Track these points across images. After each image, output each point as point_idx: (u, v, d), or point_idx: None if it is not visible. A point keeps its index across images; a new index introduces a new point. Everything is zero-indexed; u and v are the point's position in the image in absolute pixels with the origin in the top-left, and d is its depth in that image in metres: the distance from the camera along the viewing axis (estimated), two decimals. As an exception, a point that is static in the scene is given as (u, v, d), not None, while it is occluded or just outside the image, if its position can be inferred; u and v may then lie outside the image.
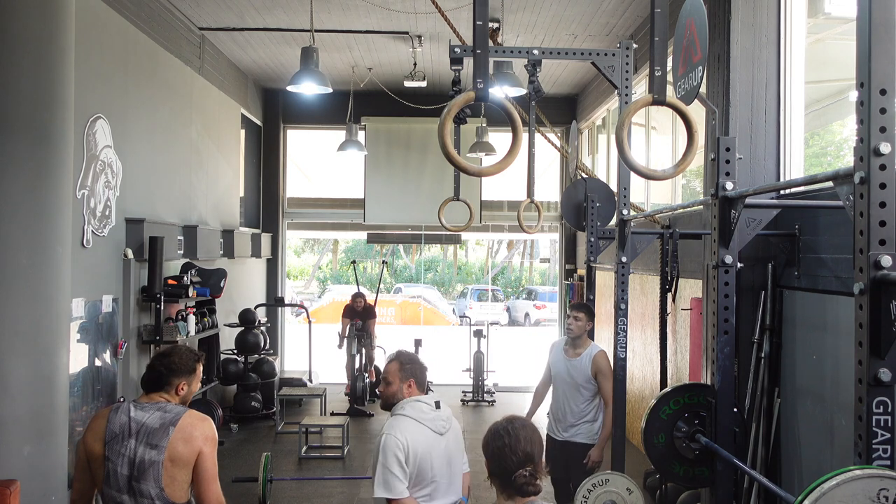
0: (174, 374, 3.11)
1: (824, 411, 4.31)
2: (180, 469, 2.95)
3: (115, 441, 2.94)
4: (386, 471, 3.22)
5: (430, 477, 3.31)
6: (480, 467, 2.73)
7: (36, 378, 4.60)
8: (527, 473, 2.39)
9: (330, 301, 25.30)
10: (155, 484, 2.91)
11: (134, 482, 2.91)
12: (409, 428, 3.29)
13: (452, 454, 3.43)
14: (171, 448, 2.93)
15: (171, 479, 2.93)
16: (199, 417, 3.07)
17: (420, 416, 3.34)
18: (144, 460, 2.91)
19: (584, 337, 5.41)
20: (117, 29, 6.73)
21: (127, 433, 2.94)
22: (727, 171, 3.60)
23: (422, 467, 3.28)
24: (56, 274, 4.74)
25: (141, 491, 2.91)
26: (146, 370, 3.16)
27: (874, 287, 2.31)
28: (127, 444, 2.93)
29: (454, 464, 3.44)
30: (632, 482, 4.59)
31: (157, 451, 2.92)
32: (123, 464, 2.92)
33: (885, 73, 2.33)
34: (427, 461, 3.29)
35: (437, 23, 7.90)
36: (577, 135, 9.92)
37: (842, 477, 2.13)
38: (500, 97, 3.33)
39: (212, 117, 9.55)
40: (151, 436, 2.94)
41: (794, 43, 5.00)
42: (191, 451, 2.96)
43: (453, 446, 3.44)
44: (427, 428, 3.33)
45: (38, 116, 4.63)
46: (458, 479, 3.47)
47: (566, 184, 10.73)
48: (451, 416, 3.50)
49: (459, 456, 3.51)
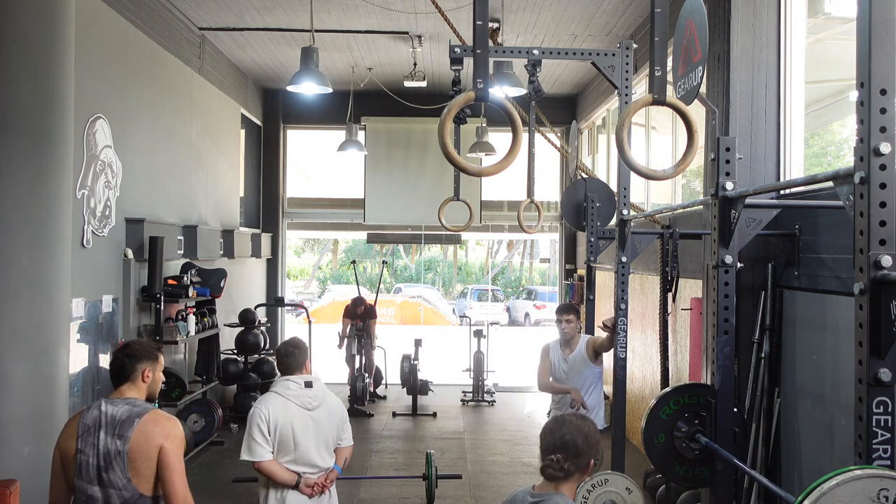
0: (136, 360, 3.15)
1: (824, 411, 4.31)
2: (143, 461, 3.00)
3: (88, 433, 3.02)
4: (250, 438, 3.85)
5: (293, 444, 3.88)
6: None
7: (36, 378, 4.60)
8: (554, 459, 2.48)
9: (330, 301, 25.31)
10: (122, 474, 2.98)
11: (103, 473, 2.99)
12: (274, 402, 3.90)
13: (322, 426, 3.97)
14: (133, 439, 2.99)
15: (135, 471, 3.00)
16: (164, 416, 3.13)
17: (286, 393, 3.93)
18: (111, 451, 2.99)
19: (576, 335, 5.74)
20: (117, 29, 6.73)
21: (98, 426, 3.02)
22: (727, 171, 3.60)
23: (283, 436, 3.86)
24: (56, 274, 4.74)
25: (110, 481, 2.98)
26: (111, 364, 3.21)
27: (874, 287, 2.31)
28: (97, 435, 3.01)
29: (323, 435, 3.98)
30: (632, 482, 4.59)
31: (123, 441, 2.99)
32: (94, 454, 2.99)
33: (885, 73, 2.33)
34: (288, 431, 3.86)
35: (437, 23, 7.90)
36: (577, 135, 9.92)
37: (842, 477, 2.13)
38: (500, 97, 3.33)
39: (212, 117, 9.54)
40: (119, 427, 3.01)
41: (794, 43, 5.00)
42: (151, 445, 3.01)
43: (325, 420, 3.98)
44: (292, 403, 3.90)
45: (38, 116, 4.63)
46: (327, 449, 4.02)
47: (566, 184, 10.74)
48: (325, 396, 4.05)
49: (332, 430, 4.04)
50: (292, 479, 3.90)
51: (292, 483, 3.91)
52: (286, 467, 3.90)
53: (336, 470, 4.09)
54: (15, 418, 4.50)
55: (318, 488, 3.97)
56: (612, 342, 5.38)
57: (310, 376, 4.04)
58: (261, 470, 3.91)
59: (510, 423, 10.05)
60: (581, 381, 5.63)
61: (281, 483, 3.91)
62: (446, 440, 9.12)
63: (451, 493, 7.04)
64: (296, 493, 3.93)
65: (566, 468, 2.48)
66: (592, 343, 5.66)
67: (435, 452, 7.09)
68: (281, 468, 3.90)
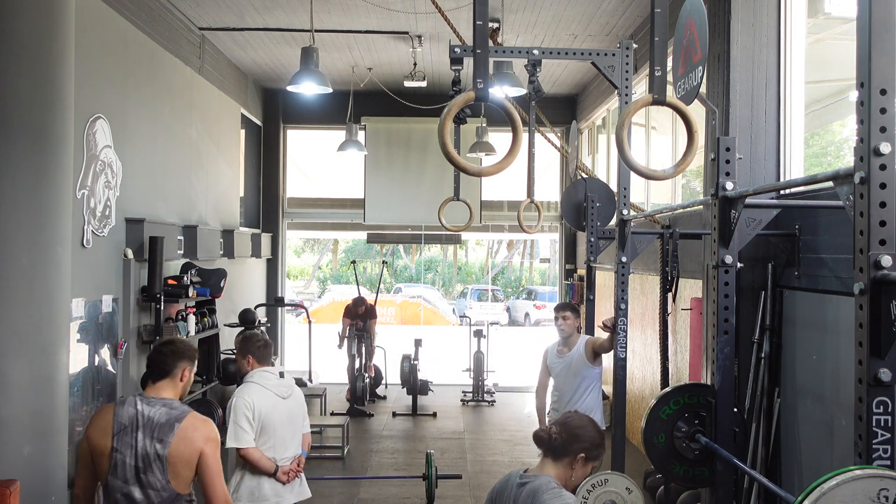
0: (179, 358, 3.19)
1: (824, 411, 4.31)
2: (182, 466, 3.05)
3: (125, 433, 3.03)
4: (236, 426, 4.06)
5: (272, 432, 4.14)
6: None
7: (36, 378, 4.60)
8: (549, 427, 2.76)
9: (330, 301, 25.30)
10: (161, 476, 3.02)
11: (141, 474, 3.02)
12: (256, 392, 4.13)
13: (293, 414, 4.28)
14: (174, 445, 3.03)
15: (174, 474, 3.04)
16: (201, 419, 3.16)
17: (265, 383, 4.18)
18: (150, 453, 3.02)
19: (574, 333, 5.77)
20: (117, 29, 6.72)
21: (135, 425, 3.03)
22: (727, 171, 3.60)
23: (265, 424, 4.12)
24: (56, 274, 4.74)
25: (148, 482, 3.02)
26: (152, 358, 3.22)
27: (874, 287, 2.31)
28: (135, 436, 3.02)
29: (294, 423, 4.29)
30: (632, 482, 4.59)
31: (163, 445, 3.02)
32: (131, 455, 3.01)
33: (885, 73, 2.33)
34: (270, 419, 4.13)
35: (437, 23, 7.90)
36: (577, 135, 9.92)
37: (842, 477, 2.13)
38: (500, 97, 3.33)
39: (212, 117, 9.54)
40: (158, 430, 3.03)
41: (794, 43, 5.00)
42: (192, 450, 3.05)
43: (295, 409, 4.31)
44: (271, 392, 4.17)
45: (38, 116, 4.63)
46: (298, 436, 4.32)
47: (566, 184, 10.73)
48: (294, 385, 4.38)
49: (300, 418, 4.36)
50: (272, 466, 4.13)
51: (271, 471, 4.12)
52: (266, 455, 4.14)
53: (303, 455, 4.36)
54: (15, 418, 4.49)
55: (292, 475, 4.21)
56: (612, 343, 5.38)
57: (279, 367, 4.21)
58: (246, 457, 4.09)
59: (510, 423, 10.05)
60: (578, 381, 5.61)
61: (261, 470, 4.11)
62: (446, 440, 9.12)
63: (451, 493, 7.04)
64: (271, 481, 4.14)
65: (554, 438, 2.70)
66: (592, 343, 5.65)
67: (435, 452, 7.09)
68: (263, 456, 4.11)
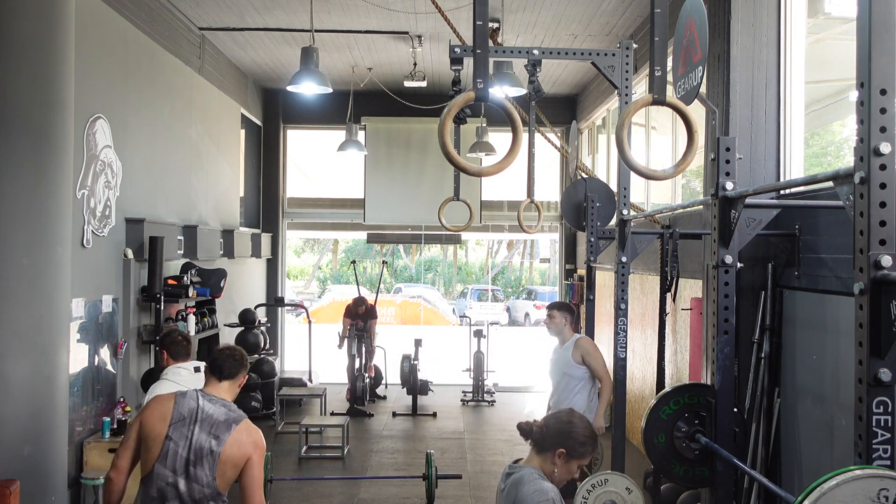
0: (244, 366, 3.37)
1: (824, 411, 4.31)
2: (230, 466, 3.12)
3: (182, 423, 3.10)
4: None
5: None
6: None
7: (36, 378, 4.60)
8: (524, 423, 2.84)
9: (330, 301, 25.30)
10: (209, 472, 3.09)
11: (191, 466, 3.08)
12: (165, 387, 4.19)
13: None
14: (228, 444, 3.11)
15: (221, 472, 3.11)
16: (254, 427, 3.26)
17: (176, 379, 4.31)
18: (204, 448, 3.09)
19: (567, 330, 5.68)
20: (117, 29, 6.72)
21: (193, 419, 3.11)
22: (727, 171, 3.60)
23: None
24: (56, 274, 4.74)
25: (196, 476, 3.08)
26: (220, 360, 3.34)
27: (874, 287, 2.31)
28: (192, 428, 3.10)
29: None
30: (631, 482, 4.59)
31: (218, 442, 3.10)
32: (185, 447, 3.08)
33: (885, 73, 2.33)
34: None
35: (437, 23, 7.90)
36: (577, 135, 9.92)
37: (842, 477, 2.13)
38: (500, 97, 3.33)
39: (212, 117, 9.54)
40: (215, 427, 3.12)
41: (794, 43, 5.00)
42: (242, 453, 3.14)
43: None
44: (181, 387, 4.16)
45: (38, 116, 4.63)
46: None
47: (566, 184, 10.73)
48: None
49: None
50: None
51: None
52: None
53: None
54: (15, 418, 4.50)
55: None
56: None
57: (199, 363, 4.38)
58: None
59: (510, 423, 10.04)
60: (565, 380, 5.55)
61: None
62: (446, 440, 9.12)
63: (451, 493, 7.04)
64: None
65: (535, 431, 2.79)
66: (581, 348, 5.57)
67: (435, 452, 7.09)
68: None
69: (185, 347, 4.49)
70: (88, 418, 6.14)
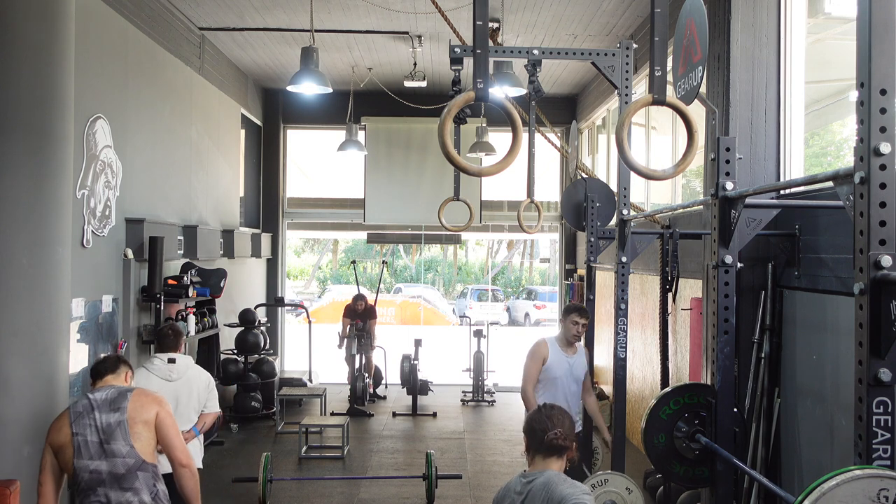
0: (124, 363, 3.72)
1: (824, 411, 4.31)
2: (141, 426, 3.37)
3: (81, 418, 3.35)
4: None
5: None
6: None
7: (36, 378, 4.60)
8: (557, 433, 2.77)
9: (330, 301, 25.30)
10: (124, 441, 3.31)
11: (105, 445, 3.30)
12: (141, 375, 4.67)
13: (178, 395, 4.67)
14: (130, 408, 3.37)
15: (136, 436, 3.34)
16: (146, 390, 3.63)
17: (150, 367, 4.76)
18: (111, 423, 3.33)
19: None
20: (117, 29, 6.72)
21: (90, 409, 3.37)
22: (727, 171, 3.60)
23: None
24: (56, 274, 4.74)
25: (113, 451, 3.30)
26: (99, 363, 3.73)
27: (874, 287, 2.31)
28: (92, 415, 3.34)
29: (181, 402, 4.68)
30: (632, 482, 4.59)
31: (120, 412, 3.36)
32: (92, 432, 3.31)
33: (885, 73, 2.33)
34: None
35: (437, 23, 7.90)
36: (577, 135, 9.92)
37: (842, 477, 2.13)
38: (500, 97, 3.33)
39: (212, 117, 9.54)
40: (112, 403, 3.39)
41: (794, 43, 5.00)
42: (147, 411, 3.40)
43: (182, 390, 4.72)
44: (154, 375, 4.71)
45: (38, 116, 4.63)
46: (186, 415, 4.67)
47: (566, 184, 10.73)
48: (188, 370, 4.79)
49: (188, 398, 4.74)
50: None
51: None
52: None
53: (193, 431, 4.69)
54: (15, 418, 4.49)
55: None
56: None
57: (175, 354, 4.80)
58: None
59: (510, 423, 10.05)
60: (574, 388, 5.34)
61: None
62: (446, 440, 9.12)
63: (451, 493, 7.04)
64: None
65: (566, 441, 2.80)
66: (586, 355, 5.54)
67: (435, 452, 7.09)
68: None
69: (173, 340, 4.86)
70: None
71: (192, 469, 3.49)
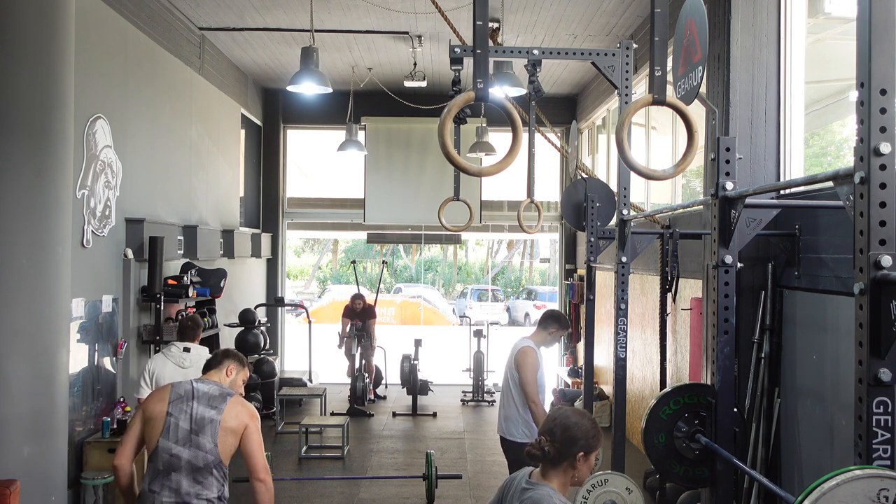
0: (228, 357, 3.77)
1: (824, 411, 4.31)
2: (229, 433, 3.45)
3: (180, 401, 3.46)
4: (138, 384, 5.37)
5: None
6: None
7: (36, 378, 4.60)
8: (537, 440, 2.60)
9: (330, 301, 25.29)
10: (211, 438, 3.41)
11: (193, 435, 3.40)
12: (157, 359, 5.36)
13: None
14: (226, 412, 3.47)
15: (223, 439, 3.43)
16: (244, 401, 3.65)
17: (167, 354, 5.33)
18: (205, 417, 3.43)
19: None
20: (117, 29, 6.72)
21: (190, 396, 3.48)
22: (727, 171, 3.60)
23: (157, 383, 5.08)
24: (56, 274, 4.74)
25: (199, 444, 3.40)
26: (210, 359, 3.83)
27: (874, 287, 2.31)
28: (190, 404, 3.45)
29: None
30: (631, 482, 4.59)
31: (217, 411, 3.45)
32: (186, 419, 3.41)
33: (885, 73, 2.33)
34: (162, 380, 5.06)
35: (437, 23, 7.90)
36: (577, 135, 9.92)
37: (842, 477, 2.13)
38: (500, 97, 3.33)
39: (212, 117, 9.54)
40: (212, 400, 3.48)
41: (794, 43, 5.00)
42: (240, 421, 3.48)
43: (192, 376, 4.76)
44: (169, 361, 5.26)
45: (38, 116, 4.63)
46: None
47: (566, 184, 10.73)
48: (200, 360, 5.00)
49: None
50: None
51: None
52: None
53: None
54: (15, 418, 4.49)
55: None
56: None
57: (191, 344, 5.33)
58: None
59: (510, 423, 10.04)
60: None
61: None
62: (446, 440, 9.12)
63: (451, 493, 7.04)
64: None
65: (546, 450, 2.56)
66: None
67: (435, 452, 7.09)
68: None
69: (192, 330, 5.41)
70: (88, 418, 6.14)
71: (269, 484, 3.53)
